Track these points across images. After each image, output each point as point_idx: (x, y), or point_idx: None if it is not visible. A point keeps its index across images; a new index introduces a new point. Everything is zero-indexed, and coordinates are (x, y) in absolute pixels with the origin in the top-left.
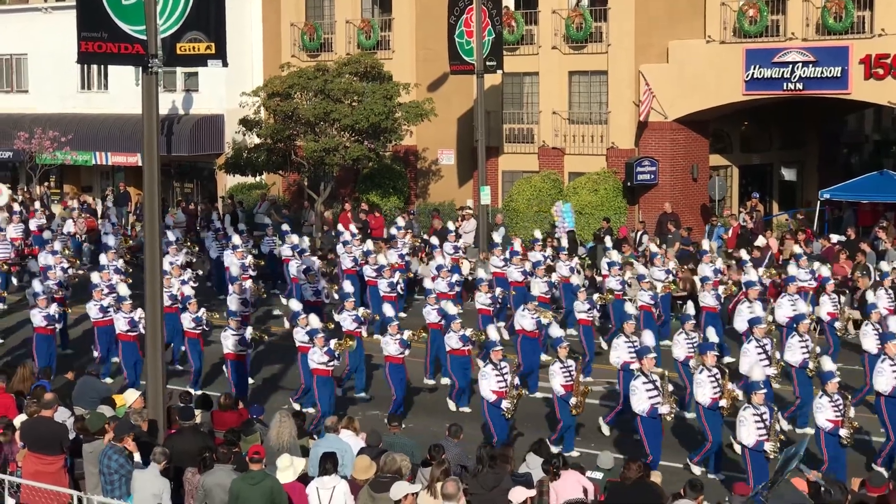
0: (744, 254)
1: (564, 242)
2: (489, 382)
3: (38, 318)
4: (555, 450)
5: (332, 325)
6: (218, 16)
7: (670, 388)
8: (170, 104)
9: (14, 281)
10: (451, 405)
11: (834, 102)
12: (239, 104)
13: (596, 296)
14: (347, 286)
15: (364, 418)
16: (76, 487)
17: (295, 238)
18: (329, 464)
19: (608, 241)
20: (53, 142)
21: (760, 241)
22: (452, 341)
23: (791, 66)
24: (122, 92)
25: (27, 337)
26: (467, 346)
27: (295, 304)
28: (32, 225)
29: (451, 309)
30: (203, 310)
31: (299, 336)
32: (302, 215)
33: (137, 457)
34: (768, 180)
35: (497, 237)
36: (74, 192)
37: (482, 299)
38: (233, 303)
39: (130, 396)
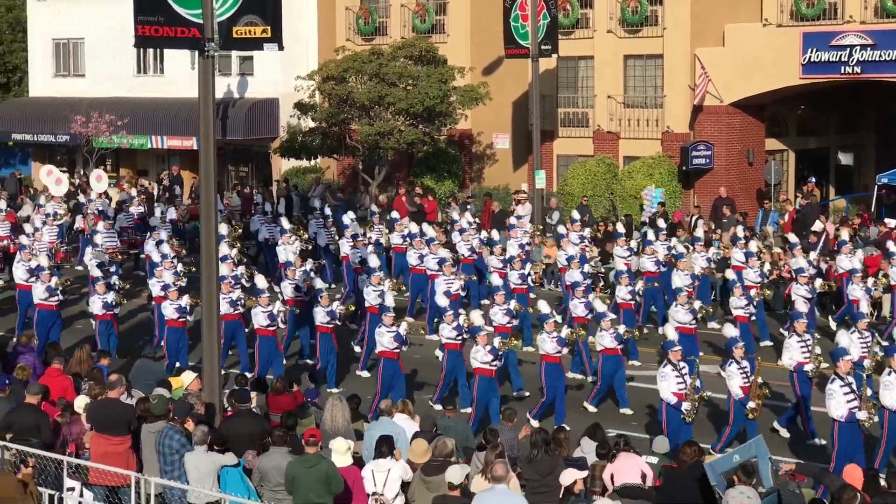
0: (892, 245)
1: (700, 232)
2: (669, 384)
3: (169, 310)
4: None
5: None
6: None
7: (869, 392)
8: (225, 88)
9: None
10: (591, 407)
11: (892, 86)
12: (294, 88)
13: (753, 292)
14: (496, 279)
15: (417, 402)
16: (142, 468)
17: (413, 226)
18: (385, 447)
19: (661, 223)
20: (110, 125)
21: (817, 225)
22: (606, 340)
23: (849, 49)
24: (177, 76)
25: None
26: (621, 344)
27: (442, 301)
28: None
29: (600, 306)
30: (336, 303)
31: (446, 332)
32: (356, 199)
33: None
34: (825, 164)
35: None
36: (130, 176)
37: (622, 293)
38: (385, 297)
39: (187, 378)
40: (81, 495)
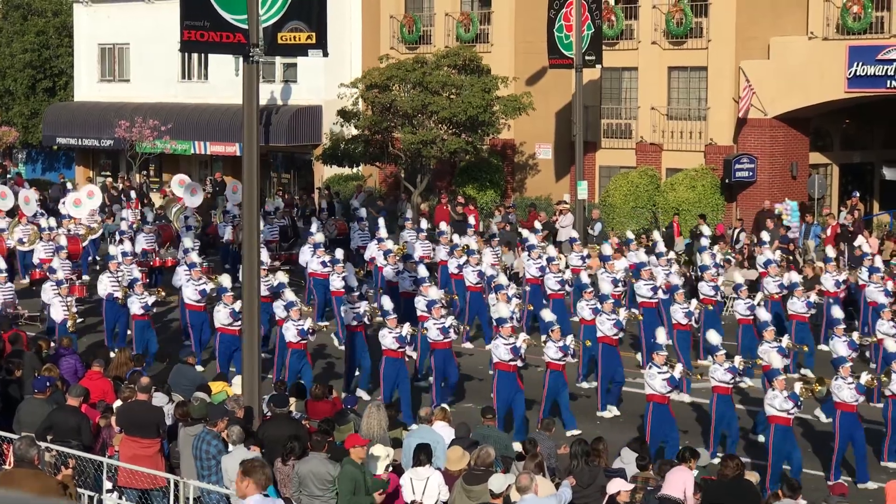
0: None
1: (832, 252)
2: None
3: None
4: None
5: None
6: (319, 6)
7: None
8: (268, 94)
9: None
10: None
11: None
12: (337, 95)
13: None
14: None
15: (458, 411)
16: (172, 472)
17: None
18: (423, 455)
19: (704, 239)
20: (153, 131)
21: (860, 240)
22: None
23: (895, 63)
24: (221, 82)
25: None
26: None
27: (548, 315)
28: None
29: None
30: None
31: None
32: (398, 207)
33: (230, 446)
34: (869, 179)
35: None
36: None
37: (886, 328)
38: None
39: (238, 383)
40: (120, 497)
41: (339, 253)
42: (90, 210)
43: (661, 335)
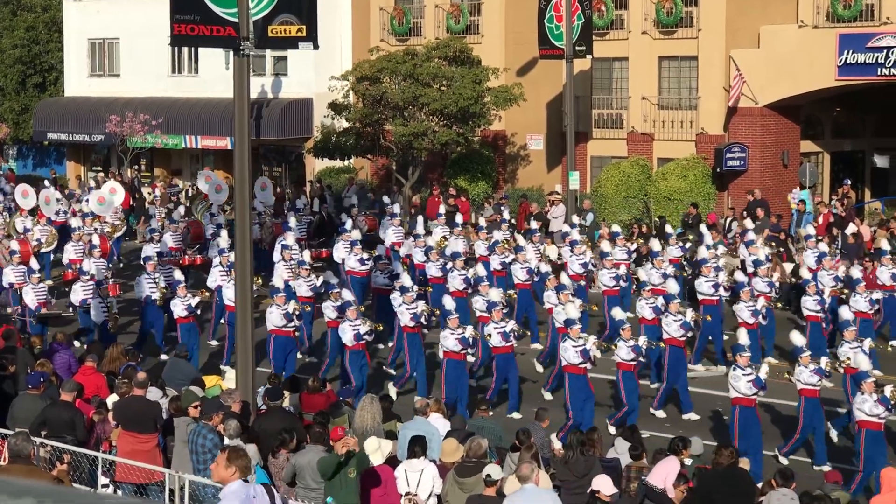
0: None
1: (886, 245)
2: None
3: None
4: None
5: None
6: None
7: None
8: (259, 88)
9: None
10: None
11: None
12: (328, 88)
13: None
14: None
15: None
16: (168, 467)
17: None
18: (418, 447)
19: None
20: (144, 125)
21: (851, 228)
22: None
23: (886, 51)
24: (212, 76)
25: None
26: None
27: (619, 313)
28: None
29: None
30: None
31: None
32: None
33: (227, 440)
34: (860, 167)
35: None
36: (164, 176)
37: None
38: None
39: (232, 379)
40: (115, 492)
41: (381, 249)
42: (113, 208)
43: (743, 335)
